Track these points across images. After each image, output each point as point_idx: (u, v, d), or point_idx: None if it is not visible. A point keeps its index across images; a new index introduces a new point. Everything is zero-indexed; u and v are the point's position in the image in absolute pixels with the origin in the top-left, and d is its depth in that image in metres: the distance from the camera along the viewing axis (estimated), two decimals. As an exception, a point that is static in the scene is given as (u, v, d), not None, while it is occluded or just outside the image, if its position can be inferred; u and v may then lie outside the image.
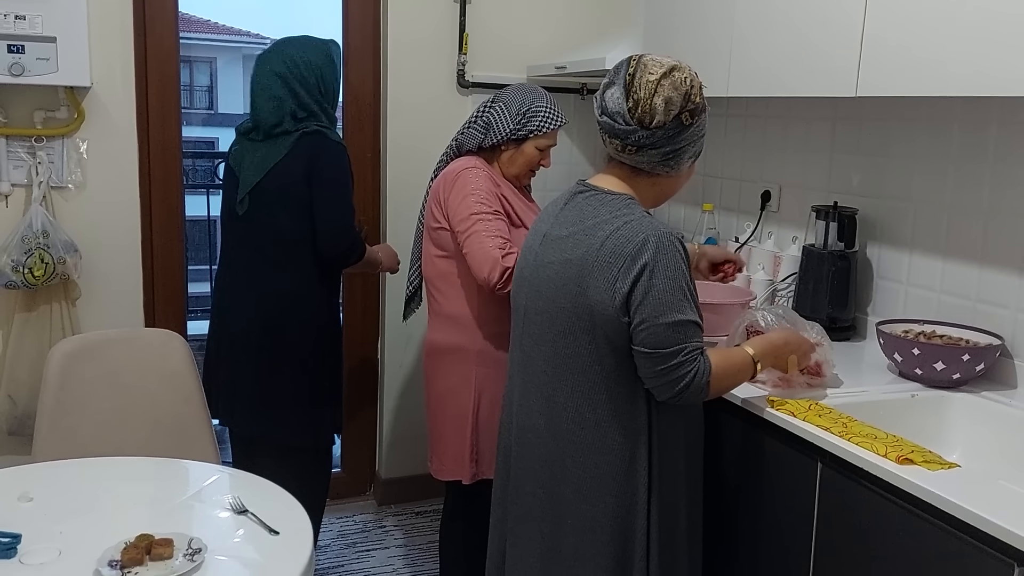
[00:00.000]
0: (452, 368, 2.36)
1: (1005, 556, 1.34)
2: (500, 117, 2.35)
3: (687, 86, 1.65)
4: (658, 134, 1.64)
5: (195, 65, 16.88)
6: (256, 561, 1.62)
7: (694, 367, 1.63)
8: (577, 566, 1.76)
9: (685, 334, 1.62)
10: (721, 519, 1.99)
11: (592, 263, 1.65)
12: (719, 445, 2.00)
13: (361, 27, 3.30)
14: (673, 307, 1.61)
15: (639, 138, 1.65)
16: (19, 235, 2.71)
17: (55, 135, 2.83)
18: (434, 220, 2.35)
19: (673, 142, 1.66)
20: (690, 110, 1.65)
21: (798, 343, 1.88)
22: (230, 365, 2.55)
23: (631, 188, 1.74)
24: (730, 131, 3.00)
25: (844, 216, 2.39)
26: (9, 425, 2.80)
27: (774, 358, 1.83)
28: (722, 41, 2.49)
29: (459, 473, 2.36)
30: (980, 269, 2.12)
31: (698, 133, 1.70)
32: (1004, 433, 1.85)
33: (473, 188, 2.26)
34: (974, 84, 1.73)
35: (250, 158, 2.48)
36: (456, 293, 2.35)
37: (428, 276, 2.43)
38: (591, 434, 1.71)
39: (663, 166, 1.70)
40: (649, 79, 1.63)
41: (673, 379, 1.63)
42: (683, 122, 1.65)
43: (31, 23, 2.64)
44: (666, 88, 1.63)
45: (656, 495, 1.72)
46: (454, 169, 2.33)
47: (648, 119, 1.63)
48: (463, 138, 2.41)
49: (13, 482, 1.86)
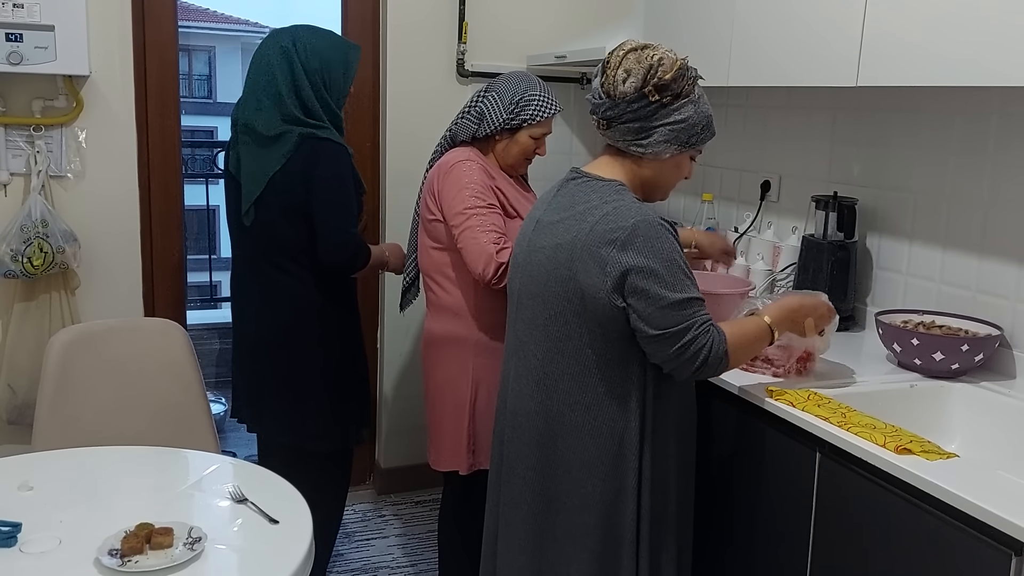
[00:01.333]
0: (450, 358, 2.36)
1: (1003, 545, 1.35)
2: (493, 107, 2.33)
3: (652, 60, 1.68)
4: (621, 106, 1.68)
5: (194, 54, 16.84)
6: (255, 550, 1.63)
7: (708, 339, 1.64)
8: (567, 547, 1.77)
9: (690, 309, 1.63)
10: (719, 509, 1.99)
11: (582, 247, 1.66)
12: (717, 435, 2.00)
13: (360, 15, 3.29)
14: (673, 286, 1.62)
15: (606, 110, 1.70)
16: (18, 224, 2.71)
17: (54, 124, 2.82)
18: (429, 212, 2.34)
19: (641, 117, 1.68)
20: (656, 85, 1.66)
21: (813, 306, 1.86)
22: (250, 373, 2.53)
23: (620, 173, 1.75)
24: (730, 121, 3.00)
25: (844, 206, 2.39)
26: (9, 414, 2.80)
27: (791, 323, 1.83)
28: (723, 30, 2.48)
29: (456, 463, 2.36)
30: (980, 260, 2.12)
31: (674, 115, 1.69)
32: (1003, 423, 1.86)
33: (467, 181, 2.24)
34: (975, 74, 1.73)
35: (248, 166, 2.39)
36: (452, 284, 2.34)
37: (424, 267, 2.42)
38: (581, 417, 1.73)
39: (634, 144, 1.71)
40: (618, 54, 1.70)
41: (689, 356, 1.63)
42: (648, 97, 1.67)
43: (29, 11, 2.63)
44: (630, 60, 1.69)
45: (647, 478, 1.74)
46: (448, 161, 2.32)
47: (612, 90, 1.68)
48: (457, 129, 2.39)
49: (13, 471, 1.86)
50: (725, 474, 1.99)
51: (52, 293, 2.83)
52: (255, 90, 2.38)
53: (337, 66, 2.41)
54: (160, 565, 1.49)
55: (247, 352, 2.54)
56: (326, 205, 2.34)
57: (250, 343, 2.52)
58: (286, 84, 2.34)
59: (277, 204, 2.36)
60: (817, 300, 1.89)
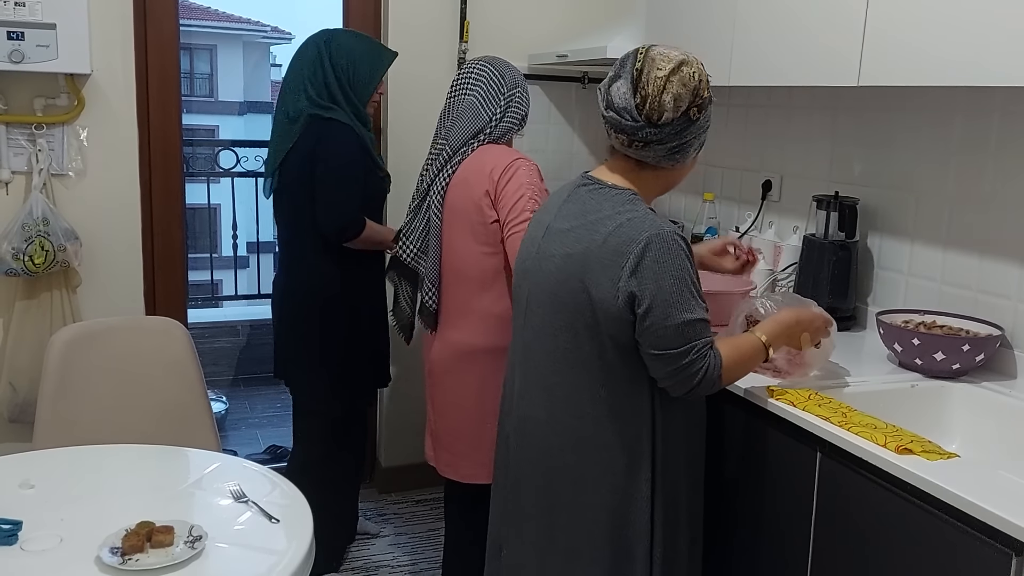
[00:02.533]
0: (496, 369, 2.21)
1: (1004, 546, 1.34)
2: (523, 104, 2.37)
3: (696, 81, 1.63)
4: (666, 130, 1.62)
5: (195, 52, 16.84)
6: (256, 549, 1.63)
7: (705, 363, 1.63)
8: (572, 558, 1.76)
9: (694, 332, 1.62)
10: (721, 509, 1.99)
11: (594, 260, 1.64)
12: (719, 435, 2.00)
13: (362, 13, 3.29)
14: (680, 307, 1.60)
15: (647, 135, 1.63)
16: (19, 223, 2.71)
17: (55, 122, 2.82)
18: (481, 215, 2.24)
19: (680, 137, 1.65)
20: (698, 105, 1.64)
21: (809, 319, 1.84)
22: (277, 335, 2.83)
23: (635, 181, 1.72)
24: (732, 120, 2.99)
25: (845, 206, 2.39)
26: (10, 412, 2.80)
27: (786, 338, 1.81)
28: (724, 30, 2.48)
29: (484, 475, 2.25)
30: (981, 259, 2.12)
31: (704, 126, 1.68)
32: (1004, 423, 1.86)
33: (528, 182, 2.20)
34: (976, 74, 1.73)
35: (273, 143, 2.67)
36: (503, 290, 2.26)
37: (471, 275, 2.29)
38: (590, 428, 1.71)
39: (669, 160, 1.69)
40: (658, 75, 1.60)
41: (685, 377, 1.64)
42: (691, 117, 1.64)
43: (31, 10, 2.63)
44: (675, 84, 1.60)
45: (659, 490, 1.73)
46: (503, 161, 2.23)
47: (656, 116, 1.61)
48: (500, 129, 2.33)
49: (14, 469, 1.86)
50: (726, 473, 1.99)
51: (53, 291, 2.84)
52: (288, 81, 2.65)
53: (364, 66, 2.65)
54: (161, 563, 1.50)
55: (275, 315, 2.83)
56: (323, 177, 2.55)
57: (276, 307, 2.81)
58: (312, 75, 2.60)
59: (290, 178, 2.63)
60: (812, 313, 1.87)
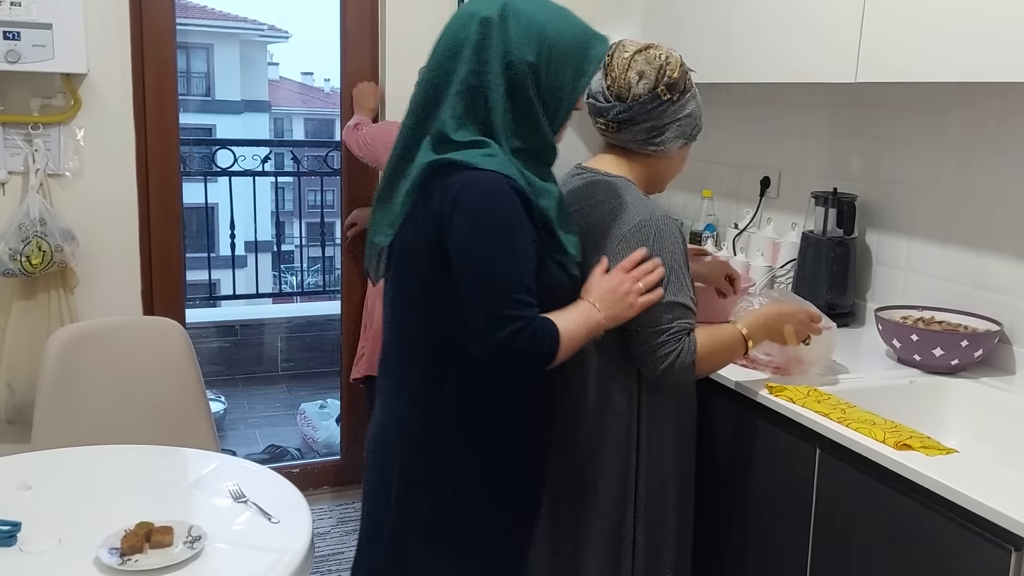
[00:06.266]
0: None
1: (1003, 541, 1.34)
2: None
3: (661, 60, 1.70)
4: (635, 108, 1.69)
5: (192, 51, 16.83)
6: (256, 548, 1.63)
7: (678, 347, 1.64)
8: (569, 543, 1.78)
9: (674, 314, 1.64)
10: (718, 504, 1.99)
11: (588, 242, 1.66)
12: (717, 431, 2.00)
13: (359, 17, 3.27)
14: (667, 287, 1.63)
15: (618, 113, 1.70)
16: (16, 223, 2.70)
17: (52, 122, 2.82)
18: None
19: (654, 117, 1.70)
20: (667, 84, 1.69)
21: (792, 313, 1.83)
22: None
23: (626, 170, 1.76)
24: (729, 117, 2.99)
25: (843, 202, 2.39)
26: (8, 413, 2.80)
27: (767, 330, 1.80)
28: (721, 26, 2.47)
29: None
30: (979, 255, 2.12)
31: (682, 111, 1.72)
32: (1002, 419, 1.86)
33: None
34: (974, 70, 1.73)
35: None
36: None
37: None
38: (579, 410, 1.73)
39: (648, 144, 1.73)
40: (623, 56, 1.70)
41: (657, 358, 1.64)
42: (661, 96, 1.68)
43: (27, 9, 2.62)
44: (639, 62, 1.69)
45: (644, 473, 1.74)
46: None
47: (625, 93, 1.69)
48: None
49: (12, 470, 1.86)
50: (725, 469, 1.99)
51: (51, 292, 2.83)
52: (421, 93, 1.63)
53: (564, 58, 1.50)
54: (160, 564, 1.49)
55: None
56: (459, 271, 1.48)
57: None
58: (462, 75, 1.50)
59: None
60: (796, 307, 1.86)
